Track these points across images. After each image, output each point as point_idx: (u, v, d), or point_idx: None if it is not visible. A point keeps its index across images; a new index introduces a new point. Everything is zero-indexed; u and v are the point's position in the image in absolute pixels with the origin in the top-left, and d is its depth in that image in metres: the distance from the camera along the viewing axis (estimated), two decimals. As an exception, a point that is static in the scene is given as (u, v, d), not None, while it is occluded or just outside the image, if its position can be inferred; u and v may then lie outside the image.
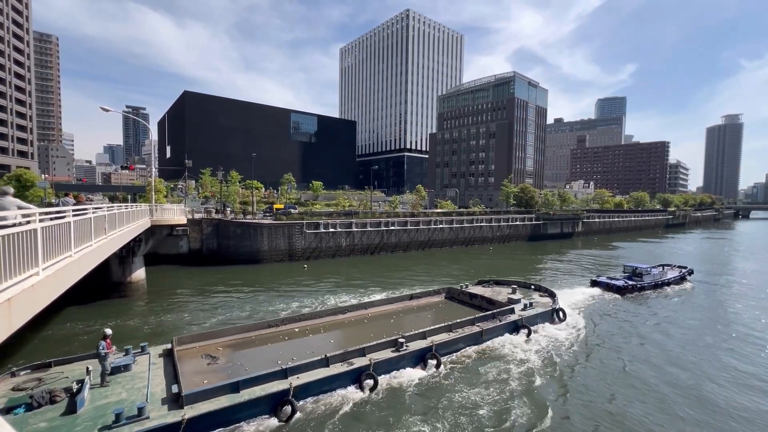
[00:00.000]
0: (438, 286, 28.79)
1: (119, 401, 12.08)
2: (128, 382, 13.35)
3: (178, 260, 40.55)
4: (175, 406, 11.75)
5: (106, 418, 11.09)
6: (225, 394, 12.38)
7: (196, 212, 45.90)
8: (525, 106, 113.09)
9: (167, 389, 12.72)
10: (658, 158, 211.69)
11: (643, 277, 32.77)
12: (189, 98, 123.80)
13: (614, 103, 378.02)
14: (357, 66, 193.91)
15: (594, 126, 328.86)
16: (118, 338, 19.64)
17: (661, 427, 12.78)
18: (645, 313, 26.17)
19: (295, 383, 13.14)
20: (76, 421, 11.06)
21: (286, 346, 17.49)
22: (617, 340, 20.94)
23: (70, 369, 14.02)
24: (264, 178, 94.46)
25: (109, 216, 16.53)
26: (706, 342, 21.02)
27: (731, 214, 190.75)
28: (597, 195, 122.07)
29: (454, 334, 18.50)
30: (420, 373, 15.77)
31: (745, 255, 57.93)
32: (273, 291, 30.42)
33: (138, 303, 26.67)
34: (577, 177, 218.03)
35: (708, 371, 17.17)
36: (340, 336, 19.37)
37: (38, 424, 10.79)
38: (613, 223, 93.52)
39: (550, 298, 25.11)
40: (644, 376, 16.53)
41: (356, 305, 23.50)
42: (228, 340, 17.87)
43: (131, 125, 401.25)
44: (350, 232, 48.65)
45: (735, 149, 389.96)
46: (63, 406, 11.64)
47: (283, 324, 19.80)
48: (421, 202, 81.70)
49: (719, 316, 26.24)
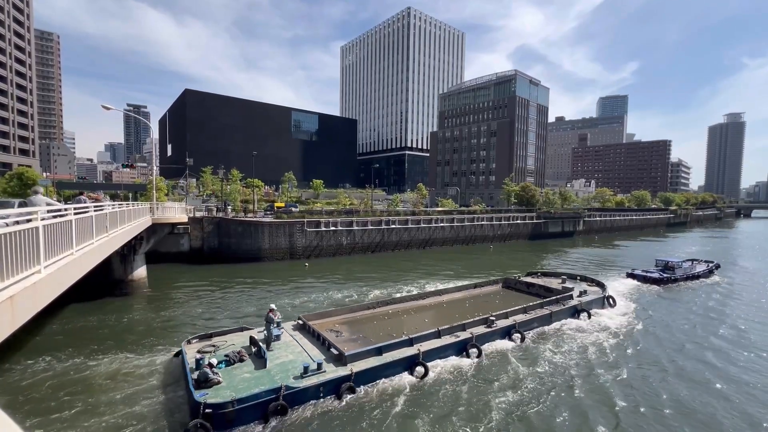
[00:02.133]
0: (494, 277, 32.09)
1: (292, 360, 15.06)
2: (285, 347, 16.27)
3: (180, 258, 40.63)
4: (339, 364, 14.61)
5: (294, 371, 14.07)
6: (372, 356, 15.22)
7: (197, 210, 45.96)
8: (526, 105, 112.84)
9: (327, 352, 15.63)
10: (660, 157, 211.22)
11: (675, 271, 35.03)
12: (190, 96, 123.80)
13: (616, 102, 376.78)
14: (358, 64, 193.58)
15: (595, 124, 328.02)
16: (121, 335, 19.74)
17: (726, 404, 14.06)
18: (686, 301, 28.73)
19: (422, 350, 15.98)
20: (271, 372, 14.04)
21: (387, 323, 20.73)
22: (669, 322, 23.42)
23: (230, 338, 17.07)
24: (265, 177, 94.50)
25: (111, 214, 16.56)
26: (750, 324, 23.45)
27: (733, 213, 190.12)
28: (598, 194, 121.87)
29: (528, 315, 21.37)
30: (509, 344, 18.82)
31: (757, 253, 57.89)
32: (275, 288, 30.47)
33: (140, 301, 26.74)
34: (579, 176, 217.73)
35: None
36: (430, 316, 22.40)
37: (243, 375, 13.89)
38: (615, 221, 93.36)
39: (598, 287, 27.86)
40: (700, 354, 18.76)
41: (429, 293, 26.52)
42: (340, 318, 20.90)
43: (132, 123, 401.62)
44: (351, 230, 48.67)
45: (737, 148, 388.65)
46: (251, 363, 14.73)
47: (378, 306, 23.17)
48: (422, 200, 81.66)
49: (758, 304, 28.26)
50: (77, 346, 18.14)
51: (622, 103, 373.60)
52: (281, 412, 12.27)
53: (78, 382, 14.71)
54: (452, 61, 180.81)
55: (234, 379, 13.43)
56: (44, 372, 15.47)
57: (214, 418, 11.43)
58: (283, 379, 13.37)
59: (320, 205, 67.96)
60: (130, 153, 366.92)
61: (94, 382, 14.75)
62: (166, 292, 28.96)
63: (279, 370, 14.14)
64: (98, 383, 14.61)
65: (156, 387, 14.17)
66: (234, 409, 11.77)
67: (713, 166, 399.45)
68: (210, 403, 11.62)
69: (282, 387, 12.64)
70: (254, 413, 12.10)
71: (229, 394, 12.26)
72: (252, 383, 13.16)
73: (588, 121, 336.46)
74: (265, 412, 12.15)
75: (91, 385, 14.54)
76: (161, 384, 14.36)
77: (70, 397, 13.56)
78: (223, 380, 13.17)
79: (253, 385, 13.02)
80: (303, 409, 12.75)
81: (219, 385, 12.95)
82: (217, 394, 12.30)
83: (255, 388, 12.75)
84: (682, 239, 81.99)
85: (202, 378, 12.85)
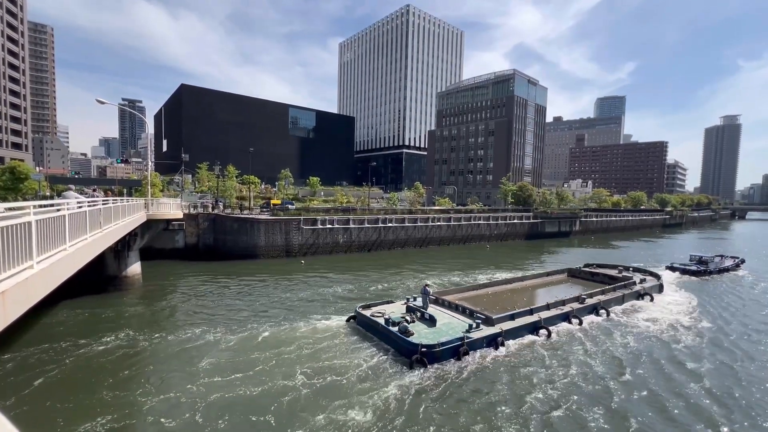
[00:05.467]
0: (556, 268, 35.92)
1: (448, 322, 19.71)
2: (435, 313, 20.30)
3: (174, 255, 40.33)
4: (488, 325, 19.06)
5: (459, 327, 18.62)
6: (507, 321, 19.81)
7: (193, 207, 45.64)
8: (524, 105, 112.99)
9: (469, 317, 19.91)
10: (657, 158, 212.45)
11: (708, 265, 39.21)
12: (186, 92, 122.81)
13: (613, 103, 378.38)
14: (356, 61, 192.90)
15: (593, 125, 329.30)
16: (115, 328, 19.53)
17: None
18: (724, 289, 33.11)
19: (542, 317, 20.73)
20: (441, 329, 18.54)
21: (490, 300, 25.25)
22: (714, 302, 28.38)
23: (387, 308, 21.54)
24: (261, 173, 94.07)
25: (104, 210, 16.33)
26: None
27: (728, 215, 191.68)
28: (595, 194, 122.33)
29: (607, 296, 25.66)
30: (598, 318, 23.37)
31: (760, 249, 58.94)
32: (271, 285, 30.31)
33: (134, 297, 26.50)
34: (576, 176, 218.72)
35: None
36: (520, 296, 26.76)
37: (422, 330, 18.32)
38: (611, 222, 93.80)
39: (651, 276, 32.19)
40: (744, 327, 23.36)
41: (506, 280, 30.54)
42: (455, 297, 24.49)
43: (127, 118, 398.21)
44: (348, 228, 48.53)
45: (733, 150, 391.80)
46: (420, 323, 19.38)
47: (474, 290, 27.35)
48: (420, 199, 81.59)
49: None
50: (74, 340, 17.93)
51: (620, 103, 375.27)
52: (465, 354, 17.04)
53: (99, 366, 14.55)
54: (451, 60, 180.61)
55: (420, 333, 17.91)
56: (43, 364, 15.30)
57: (427, 355, 16.16)
58: (455, 333, 17.91)
59: (317, 203, 67.73)
60: (125, 148, 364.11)
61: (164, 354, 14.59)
62: (161, 288, 28.74)
63: (447, 328, 18.74)
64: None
65: (352, 341, 18.89)
66: (440, 349, 16.49)
67: (709, 167, 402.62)
68: (425, 344, 16.31)
69: (464, 337, 17.43)
70: (450, 353, 16.89)
71: (437, 338, 17.10)
72: (435, 335, 17.68)
73: (585, 122, 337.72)
74: (456, 352, 16.93)
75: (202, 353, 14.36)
76: (354, 338, 19.22)
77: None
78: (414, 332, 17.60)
79: (435, 337, 17.38)
80: (475, 353, 17.54)
81: (413, 335, 17.32)
82: (423, 339, 16.90)
83: (447, 335, 17.57)
84: (679, 240, 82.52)
85: (403, 330, 17.65)
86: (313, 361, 16.48)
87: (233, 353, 17.42)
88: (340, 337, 19.39)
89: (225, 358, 16.83)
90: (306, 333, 19.78)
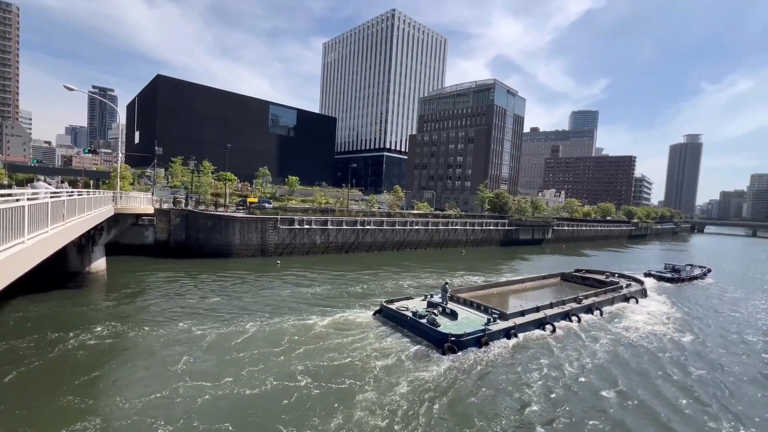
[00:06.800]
0: (551, 272, 39.04)
1: (467, 316, 22.05)
2: (455, 308, 22.56)
3: (143, 251, 38.80)
4: (503, 320, 21.52)
5: (478, 322, 20.88)
6: (518, 316, 22.26)
7: (165, 202, 44.10)
8: (503, 114, 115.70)
9: (485, 313, 22.49)
10: (625, 171, 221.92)
11: (681, 273, 43.04)
12: (162, 82, 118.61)
13: (587, 116, 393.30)
14: (340, 62, 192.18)
15: (567, 137, 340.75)
16: (76, 325, 18.51)
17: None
18: (696, 294, 37.43)
19: (548, 314, 23.42)
20: (462, 323, 20.61)
21: (497, 300, 27.81)
22: (690, 304, 32.84)
23: (409, 303, 23.68)
24: (239, 170, 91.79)
25: (69, 202, 15.52)
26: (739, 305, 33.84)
27: (688, 228, 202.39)
28: (567, 204, 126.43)
29: (599, 298, 28.54)
30: (592, 316, 26.18)
31: (728, 262, 61.74)
32: (246, 284, 29.60)
33: (97, 293, 25.27)
34: (550, 186, 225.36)
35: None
36: (523, 296, 29.63)
37: (445, 323, 20.38)
38: (581, 231, 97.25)
39: (635, 282, 35.55)
40: (720, 323, 27.95)
41: (505, 282, 33.21)
42: (467, 295, 26.79)
43: (97, 107, 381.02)
44: (325, 229, 48.13)
45: (694, 167, 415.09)
46: (444, 317, 21.46)
47: (481, 289, 29.98)
48: (399, 202, 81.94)
49: (746, 296, 38.14)
50: (37, 335, 16.88)
51: (593, 117, 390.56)
52: (485, 344, 19.40)
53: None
54: (434, 66, 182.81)
55: (445, 325, 19.91)
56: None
57: (456, 343, 18.39)
58: (476, 326, 20.15)
59: (295, 202, 66.84)
60: (94, 138, 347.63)
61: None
62: (127, 286, 27.51)
63: (467, 322, 20.88)
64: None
65: (380, 332, 21.00)
66: (466, 339, 18.83)
67: (672, 182, 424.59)
68: (454, 334, 18.62)
69: (485, 329, 19.93)
70: (473, 342, 19.24)
71: (462, 329, 19.32)
72: (458, 327, 19.78)
73: (560, 134, 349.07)
74: (479, 342, 19.30)
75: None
76: (384, 329, 21.42)
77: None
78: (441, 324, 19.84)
79: (459, 328, 19.43)
80: (494, 343, 19.94)
81: (440, 327, 19.51)
82: (450, 330, 19.12)
83: (469, 327, 19.74)
84: (645, 251, 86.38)
85: (431, 321, 20.09)
86: (352, 351, 18.38)
87: (204, 353, 16.90)
88: (372, 328, 21.54)
89: (201, 359, 16.30)
90: (326, 326, 21.60)
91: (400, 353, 18.28)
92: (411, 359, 17.77)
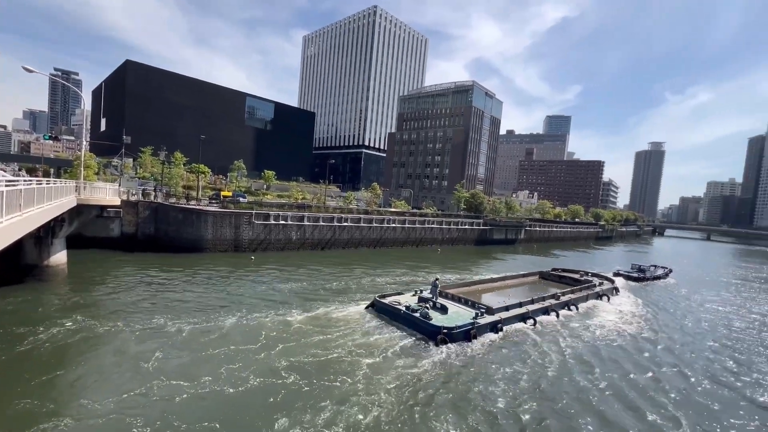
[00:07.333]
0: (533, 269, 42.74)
1: (457, 311, 23.06)
2: (444, 303, 23.50)
3: (108, 244, 37.05)
4: (489, 314, 22.61)
5: (467, 316, 21.96)
6: (503, 311, 23.59)
7: (133, 194, 42.27)
8: (481, 116, 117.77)
9: (472, 308, 23.57)
10: (594, 176, 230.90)
11: (646, 273, 46.04)
12: (132, 68, 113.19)
13: (560, 121, 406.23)
14: (320, 56, 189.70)
15: (541, 140, 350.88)
16: (35, 321, 17.45)
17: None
18: (660, 292, 40.32)
19: (530, 309, 24.82)
20: (451, 316, 21.65)
21: (481, 296, 28.92)
22: (666, 300, 36.71)
23: (401, 298, 24.64)
24: (213, 163, 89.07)
25: (27, 191, 14.60)
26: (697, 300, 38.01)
27: (650, 231, 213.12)
28: (540, 205, 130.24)
29: (575, 295, 30.23)
30: (569, 312, 28.02)
31: (678, 262, 64.96)
32: (218, 280, 28.82)
33: (57, 287, 23.95)
34: (524, 187, 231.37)
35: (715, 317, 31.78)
36: (504, 293, 30.89)
37: (438, 317, 21.32)
38: (552, 232, 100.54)
39: (607, 281, 37.88)
40: (676, 311, 32.62)
41: (488, 279, 34.56)
42: (453, 291, 27.56)
43: (60, 91, 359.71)
44: (302, 225, 47.54)
45: (657, 173, 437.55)
46: (435, 311, 22.26)
47: (466, 286, 31.44)
48: (376, 200, 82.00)
49: (704, 293, 42.63)
50: None
51: (566, 122, 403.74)
52: (474, 336, 20.53)
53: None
54: (414, 65, 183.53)
55: (436, 319, 20.84)
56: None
57: (448, 336, 19.48)
58: (465, 319, 21.21)
59: (271, 197, 65.65)
60: (55, 123, 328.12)
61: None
62: (88, 280, 26.23)
63: (456, 316, 21.87)
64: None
65: (373, 325, 21.84)
66: (458, 331, 19.94)
67: (637, 187, 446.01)
68: (447, 326, 19.77)
69: (474, 323, 21.01)
70: (463, 335, 20.27)
71: (452, 323, 20.36)
72: (449, 320, 20.85)
73: (535, 137, 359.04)
74: (468, 334, 20.34)
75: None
76: (374, 322, 22.20)
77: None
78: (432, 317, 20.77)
79: (449, 322, 20.55)
80: (482, 336, 21.13)
81: (432, 320, 20.47)
82: (442, 323, 20.18)
83: (458, 321, 20.83)
84: (611, 252, 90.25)
85: (424, 315, 21.03)
86: (342, 344, 18.89)
87: (178, 350, 16.35)
88: (362, 323, 22.19)
89: (175, 356, 15.75)
90: (323, 318, 22.61)
91: (396, 345, 19.17)
92: (408, 350, 18.79)
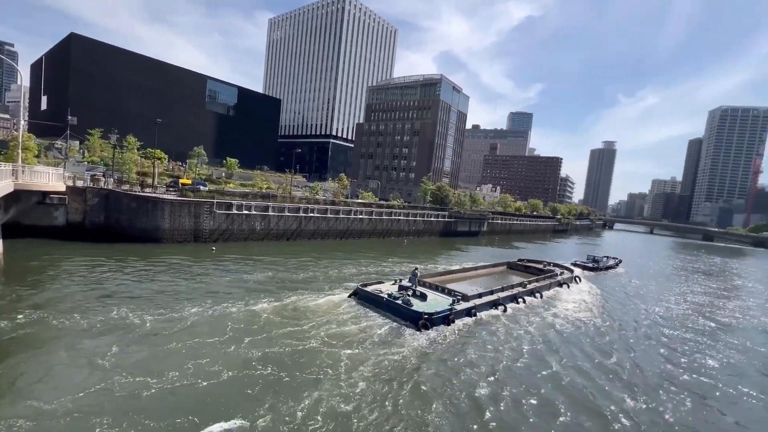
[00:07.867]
0: (498, 261, 44.63)
1: (435, 298, 24.62)
2: (423, 291, 25.09)
3: (51, 233, 34.25)
4: (465, 301, 24.34)
5: (444, 303, 23.43)
6: (477, 298, 25.35)
7: (80, 179, 39.25)
8: (448, 109, 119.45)
9: (448, 295, 25.18)
10: (553, 171, 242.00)
11: (599, 263, 50.85)
12: (77, 42, 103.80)
13: (523, 118, 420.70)
14: (287, 41, 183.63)
15: (505, 136, 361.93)
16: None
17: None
18: (614, 280, 45.29)
19: (501, 296, 27.03)
20: (431, 303, 23.06)
21: (455, 285, 28.98)
22: (612, 288, 40.11)
23: (382, 287, 25.75)
24: (170, 148, 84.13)
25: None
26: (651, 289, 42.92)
27: (601, 225, 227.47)
28: (502, 199, 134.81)
29: (539, 283, 32.91)
30: (534, 299, 30.46)
31: (626, 253, 69.73)
32: (178, 271, 27.51)
33: (-10, 283, 21.87)
34: (487, 181, 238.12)
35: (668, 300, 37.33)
36: (475, 282, 33.24)
37: (417, 303, 22.66)
38: (513, 225, 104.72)
39: (567, 270, 41.39)
40: (634, 300, 35.97)
41: (460, 269, 36.95)
42: (428, 281, 28.74)
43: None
44: (266, 215, 46.33)
45: (609, 170, 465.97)
46: (415, 298, 23.46)
47: (439, 276, 32.84)
48: (344, 191, 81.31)
49: (649, 281, 48.27)
50: None
51: (528, 119, 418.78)
52: (452, 321, 22.21)
53: None
54: (383, 56, 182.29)
55: (416, 305, 22.13)
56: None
57: (429, 321, 20.74)
58: (443, 306, 22.74)
59: (233, 186, 63.31)
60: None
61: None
62: (26, 272, 24.17)
63: (435, 303, 23.24)
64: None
65: (356, 312, 22.82)
66: (437, 317, 21.37)
67: (590, 183, 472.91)
68: (427, 312, 21.10)
69: (452, 309, 22.68)
70: (442, 320, 21.79)
71: (432, 309, 21.85)
72: (429, 307, 22.21)
73: (499, 132, 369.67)
74: (446, 319, 21.91)
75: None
76: (357, 310, 23.23)
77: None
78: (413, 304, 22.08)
79: (429, 308, 21.88)
80: (459, 321, 22.88)
81: (413, 306, 21.79)
82: (423, 309, 21.50)
83: (437, 307, 22.31)
84: (567, 245, 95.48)
85: (405, 302, 22.37)
86: (337, 327, 20.38)
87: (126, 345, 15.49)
88: (350, 308, 23.46)
89: (135, 350, 14.89)
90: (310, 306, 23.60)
91: (381, 329, 20.52)
92: (392, 334, 20.15)
